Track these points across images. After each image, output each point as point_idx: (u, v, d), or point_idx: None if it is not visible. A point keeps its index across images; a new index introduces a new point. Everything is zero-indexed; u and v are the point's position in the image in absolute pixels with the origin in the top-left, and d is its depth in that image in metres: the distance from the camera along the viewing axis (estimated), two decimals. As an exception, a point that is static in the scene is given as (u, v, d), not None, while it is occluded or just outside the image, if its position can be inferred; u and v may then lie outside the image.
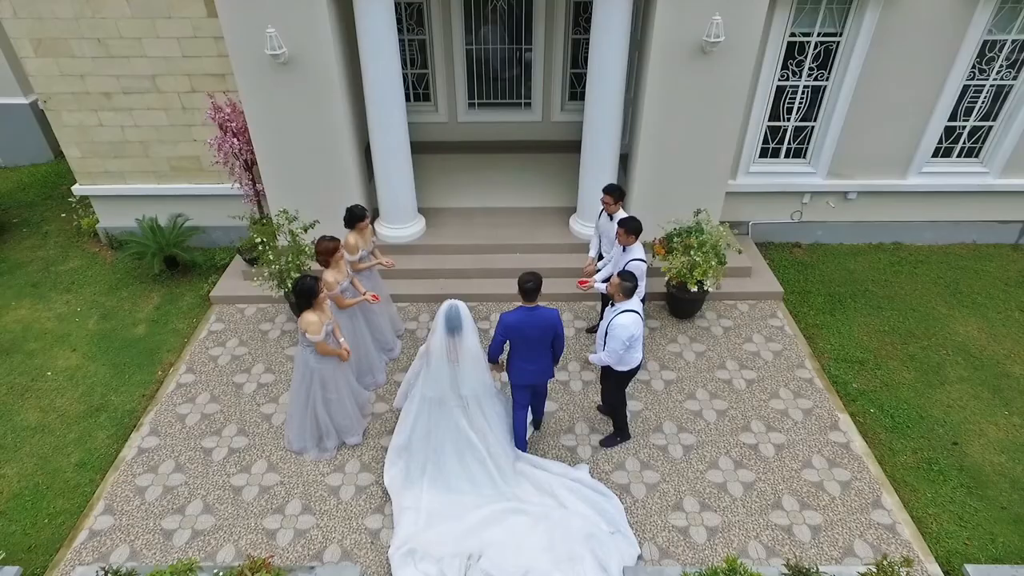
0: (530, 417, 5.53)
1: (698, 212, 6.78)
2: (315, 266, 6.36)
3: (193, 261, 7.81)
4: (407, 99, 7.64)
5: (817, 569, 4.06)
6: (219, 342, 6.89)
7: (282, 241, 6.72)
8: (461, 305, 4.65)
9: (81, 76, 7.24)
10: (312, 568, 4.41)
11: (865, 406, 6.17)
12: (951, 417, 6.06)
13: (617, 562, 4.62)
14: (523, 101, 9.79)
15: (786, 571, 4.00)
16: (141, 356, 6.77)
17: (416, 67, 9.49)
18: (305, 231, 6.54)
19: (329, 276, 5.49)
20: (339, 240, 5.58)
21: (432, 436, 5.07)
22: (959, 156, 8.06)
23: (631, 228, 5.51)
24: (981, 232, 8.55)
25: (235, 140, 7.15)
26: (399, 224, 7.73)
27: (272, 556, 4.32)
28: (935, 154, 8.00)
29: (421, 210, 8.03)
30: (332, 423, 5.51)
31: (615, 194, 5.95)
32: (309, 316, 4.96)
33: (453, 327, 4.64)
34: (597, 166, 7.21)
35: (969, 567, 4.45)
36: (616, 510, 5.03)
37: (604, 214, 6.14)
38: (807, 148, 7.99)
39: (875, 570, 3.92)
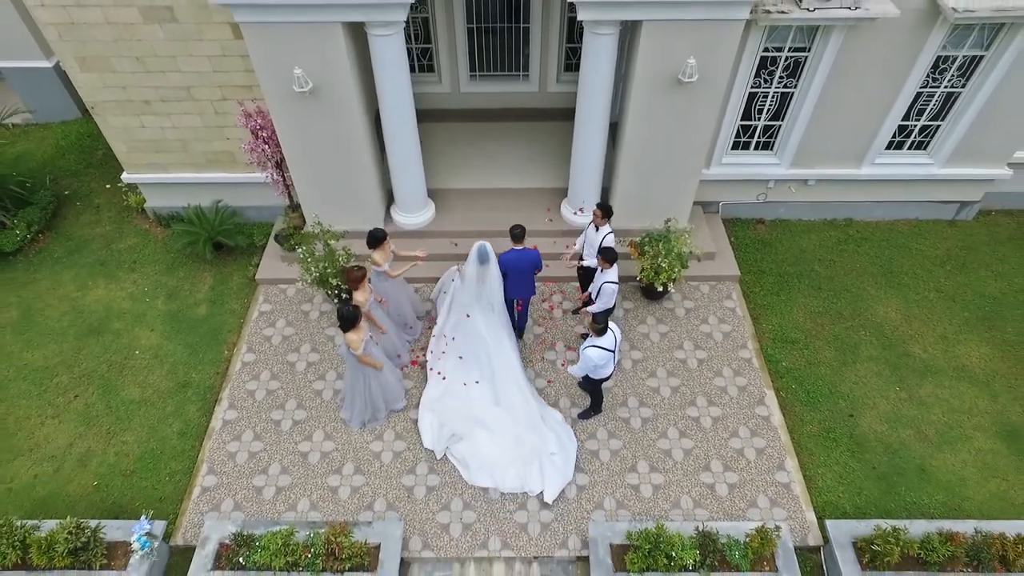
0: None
1: (667, 221, 7.98)
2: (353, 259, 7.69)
3: (237, 245, 9.06)
4: (412, 70, 8.30)
5: (718, 532, 5.90)
6: (270, 322, 8.40)
7: (318, 246, 7.96)
8: (488, 245, 6.99)
9: (123, 87, 8.06)
10: (370, 523, 6.27)
11: (789, 383, 7.81)
12: (854, 392, 7.73)
13: (555, 480, 6.64)
14: (521, 73, 10.44)
15: (694, 535, 5.83)
16: (208, 336, 8.30)
17: (420, 42, 10.05)
18: (337, 240, 7.79)
19: (359, 296, 6.85)
20: (365, 269, 6.85)
21: (458, 330, 7.40)
22: (909, 148, 9.03)
23: (608, 257, 6.80)
24: (924, 210, 9.72)
25: (266, 146, 8.15)
26: (412, 213, 8.92)
27: (345, 523, 6.13)
28: (888, 147, 8.98)
29: (430, 192, 9.13)
30: (382, 397, 7.15)
31: (605, 211, 7.16)
32: (351, 336, 6.41)
33: (484, 259, 6.95)
34: (585, 172, 8.29)
35: (828, 522, 6.30)
36: (572, 447, 6.94)
37: (592, 225, 7.38)
38: (774, 142, 8.94)
39: (755, 533, 5.75)
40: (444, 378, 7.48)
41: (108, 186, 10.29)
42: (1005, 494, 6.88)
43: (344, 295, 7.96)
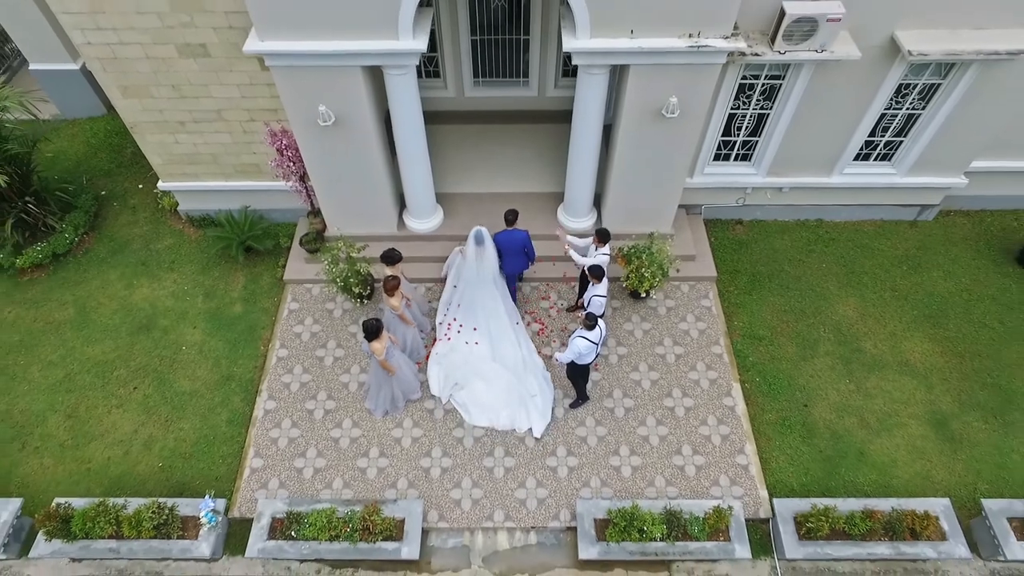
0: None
1: (651, 235, 8.96)
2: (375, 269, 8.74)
3: (265, 248, 10.05)
4: (419, 76, 9.05)
5: (682, 510, 7.17)
6: (298, 320, 9.50)
7: (341, 255, 8.96)
8: (484, 230, 8.35)
9: (160, 111, 8.88)
10: (395, 500, 7.55)
11: (754, 376, 8.99)
12: (810, 384, 8.91)
13: (539, 420, 8.23)
14: (521, 79, 11.16)
15: (662, 513, 7.11)
16: (244, 333, 9.41)
17: (427, 51, 10.71)
18: (358, 252, 8.80)
19: (394, 301, 7.92)
20: (399, 279, 7.89)
21: (462, 299, 8.83)
22: (875, 160, 9.91)
23: (596, 274, 7.84)
24: (888, 211, 10.66)
25: (290, 162, 9.05)
26: (423, 219, 9.87)
27: (376, 503, 7.39)
28: (855, 158, 9.85)
29: (437, 196, 10.02)
30: (400, 389, 8.33)
31: (602, 236, 8.15)
32: (375, 345, 7.50)
33: (480, 242, 8.33)
34: (579, 184, 9.21)
35: (776, 500, 7.58)
36: (548, 392, 8.44)
37: (593, 245, 8.39)
38: (752, 154, 9.81)
39: (712, 511, 7.03)
40: (450, 339, 8.79)
41: (140, 186, 11.19)
42: (928, 474, 8.15)
43: (365, 300, 9.05)
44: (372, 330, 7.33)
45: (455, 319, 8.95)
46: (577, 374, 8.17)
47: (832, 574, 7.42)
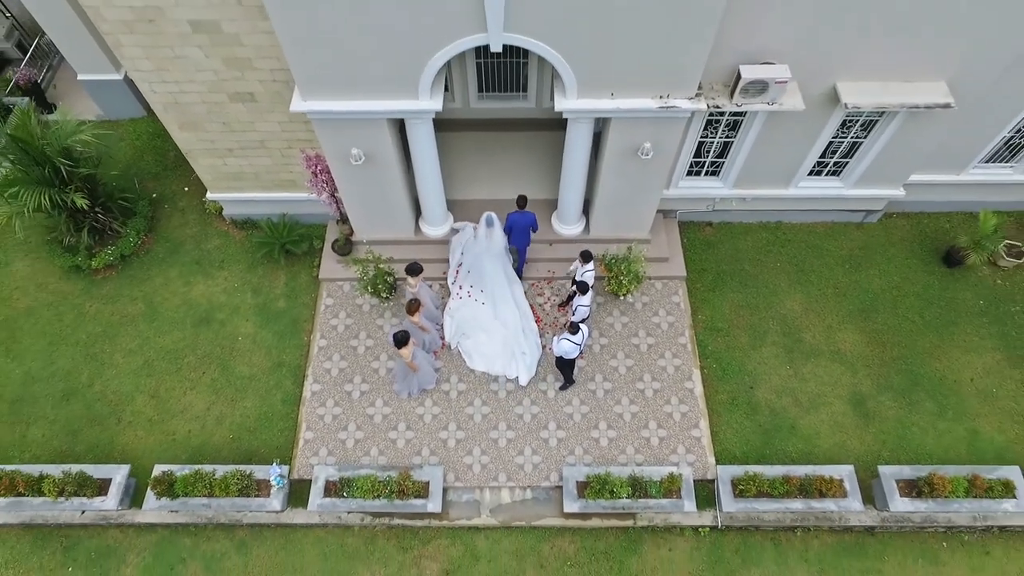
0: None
1: (630, 248, 10.68)
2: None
3: (301, 251, 11.74)
4: None
5: (643, 475, 9.26)
6: (334, 314, 11.34)
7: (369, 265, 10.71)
8: (494, 214, 10.26)
9: (211, 141, 10.39)
10: (420, 466, 9.65)
11: (711, 363, 10.93)
12: (757, 370, 10.87)
13: (524, 372, 10.28)
14: (521, 93, 12.52)
15: (628, 478, 9.20)
16: (289, 325, 11.28)
17: (436, 70, 12.05)
18: (384, 263, 10.56)
19: (415, 318, 9.73)
20: (419, 301, 9.66)
21: (472, 268, 10.69)
22: (826, 175, 11.47)
23: (581, 288, 9.63)
24: (837, 215, 12.31)
25: (324, 183, 10.64)
26: (436, 226, 11.54)
27: (407, 469, 9.47)
28: (809, 174, 11.42)
29: (447, 203, 11.64)
30: (421, 380, 10.29)
31: (585, 257, 9.89)
32: (404, 351, 9.36)
33: (490, 224, 10.26)
34: (570, 200, 10.86)
35: (719, 467, 9.68)
36: (536, 352, 10.47)
37: (577, 264, 10.13)
38: (720, 171, 11.37)
39: (667, 477, 9.13)
40: (460, 297, 10.79)
41: (186, 189, 12.75)
42: (843, 444, 10.24)
43: (389, 298, 10.92)
44: (401, 340, 9.19)
45: (470, 285, 10.85)
46: (564, 364, 10.10)
47: (760, 522, 9.61)
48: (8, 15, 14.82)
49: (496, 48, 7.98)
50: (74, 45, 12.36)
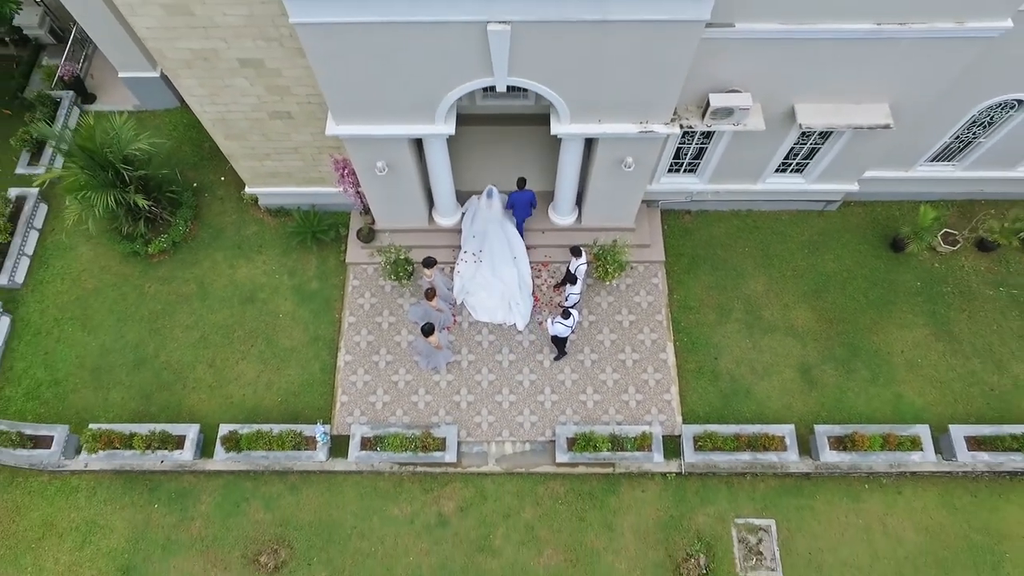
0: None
1: (615, 241, 12.40)
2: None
3: (329, 239, 13.44)
4: None
5: (621, 433, 11.35)
6: (360, 294, 13.18)
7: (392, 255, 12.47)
8: (495, 188, 12.12)
9: (252, 148, 11.92)
10: (438, 425, 11.74)
11: (683, 336, 12.85)
12: (721, 343, 12.81)
13: (520, 320, 12.34)
14: (521, 93, 13.87)
15: (608, 435, 11.29)
16: (322, 304, 13.13)
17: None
18: (404, 254, 12.31)
19: (433, 302, 11.58)
20: (435, 288, 11.47)
21: (479, 231, 12.56)
22: (790, 172, 13.04)
23: (569, 279, 11.43)
24: (801, 204, 13.94)
25: (350, 186, 12.26)
26: (447, 216, 13.21)
27: (428, 428, 11.55)
28: (775, 171, 12.99)
29: (456, 192, 13.24)
30: (440, 356, 12.24)
31: (574, 252, 11.64)
32: (432, 339, 11.22)
33: (490, 196, 12.11)
34: (564, 195, 12.51)
35: (684, 425, 11.76)
36: (528, 304, 12.47)
37: (572, 259, 11.89)
38: (696, 169, 12.94)
39: (641, 434, 11.23)
40: (466, 261, 12.64)
41: (222, 178, 14.31)
42: (790, 405, 12.29)
43: (406, 281, 12.77)
44: (428, 331, 11.06)
45: (478, 248, 12.72)
46: (558, 341, 12.04)
47: (716, 469, 11.77)
48: (40, 2, 15.88)
49: (501, 88, 9.46)
50: (116, 47, 13.62)
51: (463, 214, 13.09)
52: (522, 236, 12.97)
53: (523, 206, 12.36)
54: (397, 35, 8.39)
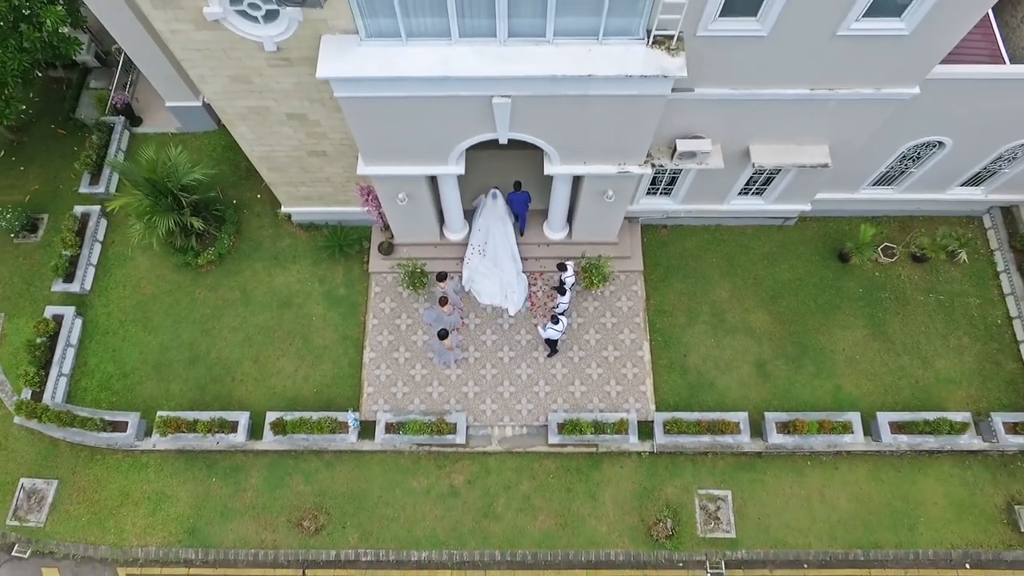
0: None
1: (599, 256, 14.55)
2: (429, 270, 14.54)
3: (354, 251, 15.56)
4: None
5: (603, 419, 13.62)
6: (381, 300, 15.35)
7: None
8: (497, 190, 14.19)
9: (291, 178, 13.99)
10: (449, 412, 14.01)
11: (657, 337, 15.07)
12: (690, 342, 15.03)
13: (513, 306, 14.69)
14: (520, 123, 15.88)
15: (592, 421, 13.56)
16: (349, 308, 15.30)
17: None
18: (420, 267, 14.47)
19: (446, 309, 13.78)
20: (447, 298, 13.65)
21: (484, 226, 14.55)
22: (751, 195, 15.14)
23: (559, 290, 13.62)
24: (762, 220, 16.05)
25: (373, 207, 14.36)
26: (456, 232, 15.33)
27: (442, 416, 13.82)
28: (739, 194, 15.08)
29: (464, 212, 15.35)
30: (452, 356, 14.47)
31: (560, 267, 13.79)
32: (446, 342, 13.46)
33: (494, 197, 14.17)
34: (556, 217, 14.64)
35: (656, 413, 14.03)
36: (523, 292, 14.77)
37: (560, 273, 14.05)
38: (671, 192, 15.03)
39: (619, 420, 13.51)
40: (473, 254, 14.77)
41: (259, 196, 16.37)
42: (746, 396, 14.56)
43: (421, 289, 14.93)
44: (443, 335, 13.26)
45: (483, 241, 14.73)
46: (550, 342, 14.26)
47: (682, 449, 14.07)
48: (87, 31, 17.72)
49: (503, 141, 11.52)
50: (165, 81, 15.55)
51: (473, 210, 15.19)
52: (524, 227, 15.14)
53: (520, 204, 14.45)
54: (420, 105, 10.44)
